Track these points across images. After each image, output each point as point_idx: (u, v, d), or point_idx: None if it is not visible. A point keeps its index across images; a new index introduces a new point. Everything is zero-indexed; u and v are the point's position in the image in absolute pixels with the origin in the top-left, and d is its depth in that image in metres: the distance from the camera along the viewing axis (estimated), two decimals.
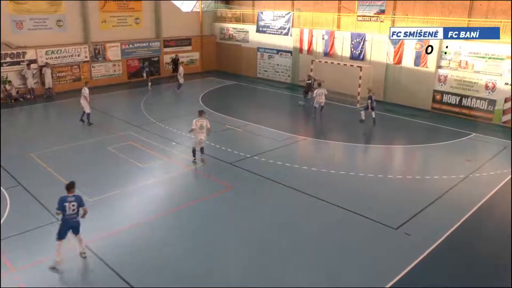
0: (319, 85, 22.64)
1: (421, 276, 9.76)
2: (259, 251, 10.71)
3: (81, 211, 9.94)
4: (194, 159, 16.02)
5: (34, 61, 26.47)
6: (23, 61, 25.99)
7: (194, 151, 15.95)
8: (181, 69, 28.70)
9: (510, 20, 20.54)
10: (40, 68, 26.64)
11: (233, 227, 11.81)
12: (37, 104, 25.40)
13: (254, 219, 12.29)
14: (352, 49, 26.92)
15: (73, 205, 9.80)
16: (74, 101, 21.72)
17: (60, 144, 18.01)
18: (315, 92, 22.72)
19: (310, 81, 25.38)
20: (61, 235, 9.82)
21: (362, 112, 21.53)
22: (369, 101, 20.77)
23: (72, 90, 26.29)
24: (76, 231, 10.03)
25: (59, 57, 27.61)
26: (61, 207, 9.74)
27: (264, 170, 15.45)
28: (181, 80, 28.24)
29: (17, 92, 25.70)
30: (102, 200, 13.16)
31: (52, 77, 26.79)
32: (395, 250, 10.78)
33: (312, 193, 13.67)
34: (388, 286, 9.31)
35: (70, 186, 9.93)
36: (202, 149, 15.96)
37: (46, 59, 26.89)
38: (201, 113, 15.88)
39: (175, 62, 32.04)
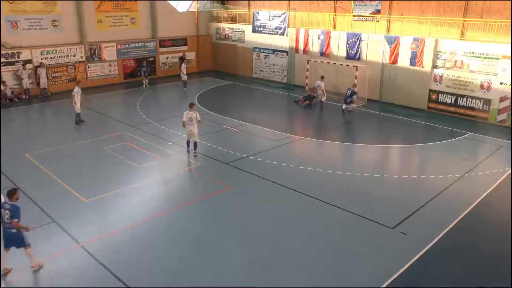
0: (321, 78, 24.14)
1: (417, 275, 9.77)
2: (257, 251, 10.68)
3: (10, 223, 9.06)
4: (188, 149, 17.02)
5: (29, 61, 26.38)
6: (18, 61, 25.89)
7: (187, 142, 16.98)
8: (183, 65, 29.70)
9: (510, 20, 20.63)
10: (35, 68, 26.55)
11: (230, 228, 11.79)
12: (32, 104, 25.30)
13: (251, 219, 12.26)
14: (348, 49, 26.96)
15: (7, 213, 9.01)
16: (70, 102, 21.61)
17: (55, 145, 17.93)
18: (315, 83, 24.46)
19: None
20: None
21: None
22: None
23: (68, 91, 26.08)
24: (17, 244, 9.37)
25: (54, 57, 27.54)
26: None
27: (261, 170, 15.44)
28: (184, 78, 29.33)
29: (12, 93, 25.61)
30: (98, 200, 13.12)
31: (47, 77, 26.75)
32: (391, 249, 10.79)
33: (308, 192, 13.67)
34: (384, 285, 9.32)
35: (11, 193, 9.23)
36: (195, 144, 16.70)
37: (41, 59, 26.81)
38: (191, 105, 16.81)
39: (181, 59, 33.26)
